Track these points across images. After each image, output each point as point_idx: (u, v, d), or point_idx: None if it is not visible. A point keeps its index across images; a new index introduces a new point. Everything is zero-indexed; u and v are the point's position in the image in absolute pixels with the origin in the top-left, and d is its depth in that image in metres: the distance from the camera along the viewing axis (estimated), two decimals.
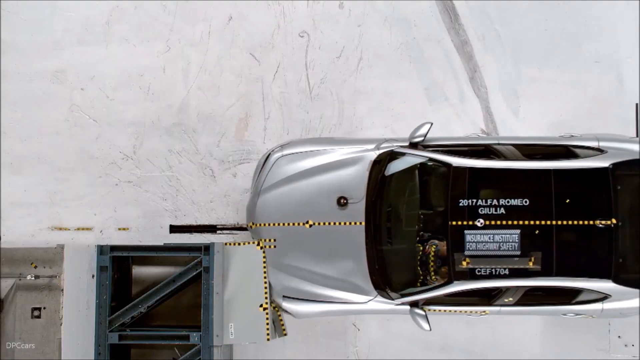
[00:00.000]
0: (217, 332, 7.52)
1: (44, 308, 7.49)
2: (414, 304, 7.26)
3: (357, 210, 7.33)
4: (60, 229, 8.69)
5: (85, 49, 8.82)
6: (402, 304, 7.28)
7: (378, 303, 7.36)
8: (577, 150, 7.21)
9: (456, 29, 8.71)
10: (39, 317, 7.48)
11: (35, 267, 7.58)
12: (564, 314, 7.30)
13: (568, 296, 7.16)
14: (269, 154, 7.67)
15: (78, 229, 8.70)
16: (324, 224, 7.39)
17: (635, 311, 7.18)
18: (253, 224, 7.59)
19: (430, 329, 7.13)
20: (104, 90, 8.79)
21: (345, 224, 7.36)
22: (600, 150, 7.16)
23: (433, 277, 7.26)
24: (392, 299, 7.30)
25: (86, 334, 7.72)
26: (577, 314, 7.27)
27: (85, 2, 8.85)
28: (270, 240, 7.50)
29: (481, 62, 8.68)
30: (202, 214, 8.67)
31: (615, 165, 7.02)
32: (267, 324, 7.55)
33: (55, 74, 8.81)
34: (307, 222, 7.41)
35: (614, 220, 6.94)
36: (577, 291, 7.09)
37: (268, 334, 7.55)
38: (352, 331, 8.52)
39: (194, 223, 8.65)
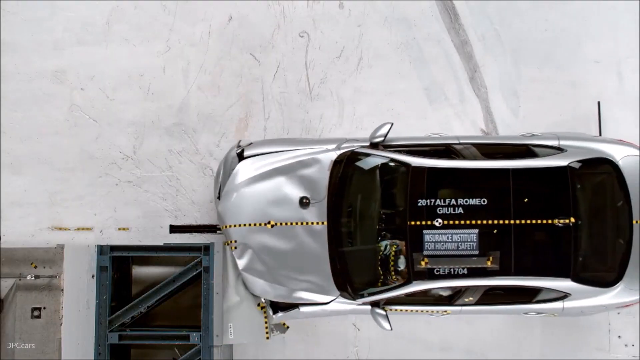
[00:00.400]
0: (217, 332, 7.52)
1: (44, 308, 7.49)
2: (375, 304, 7.26)
3: (319, 210, 7.31)
4: (60, 229, 8.69)
5: (85, 49, 8.82)
6: (364, 303, 7.28)
7: (340, 303, 7.35)
8: (537, 149, 7.19)
9: (456, 29, 8.70)
10: (39, 317, 7.48)
11: (35, 267, 7.58)
12: (526, 313, 7.29)
13: (528, 295, 7.16)
14: (231, 156, 7.62)
15: (78, 229, 8.69)
16: (286, 224, 7.36)
17: (597, 309, 7.17)
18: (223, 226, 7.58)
19: (391, 329, 7.12)
20: (104, 90, 8.78)
21: (307, 224, 7.32)
22: (560, 149, 7.14)
23: (394, 277, 7.25)
24: (354, 299, 7.29)
25: (86, 334, 7.72)
26: (538, 313, 7.26)
27: (85, 2, 8.84)
28: (231, 242, 7.47)
29: (481, 62, 8.68)
30: (202, 214, 8.66)
31: (574, 164, 7.01)
32: (266, 323, 7.55)
33: (55, 74, 8.80)
34: (269, 223, 7.37)
35: (572, 219, 6.93)
36: (537, 290, 7.08)
37: (267, 333, 7.55)
38: (352, 331, 8.52)
39: (194, 223, 8.65)
